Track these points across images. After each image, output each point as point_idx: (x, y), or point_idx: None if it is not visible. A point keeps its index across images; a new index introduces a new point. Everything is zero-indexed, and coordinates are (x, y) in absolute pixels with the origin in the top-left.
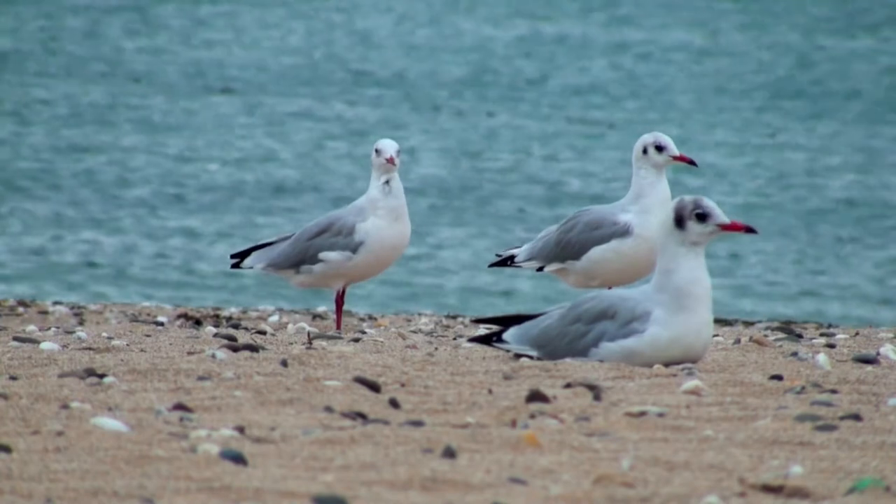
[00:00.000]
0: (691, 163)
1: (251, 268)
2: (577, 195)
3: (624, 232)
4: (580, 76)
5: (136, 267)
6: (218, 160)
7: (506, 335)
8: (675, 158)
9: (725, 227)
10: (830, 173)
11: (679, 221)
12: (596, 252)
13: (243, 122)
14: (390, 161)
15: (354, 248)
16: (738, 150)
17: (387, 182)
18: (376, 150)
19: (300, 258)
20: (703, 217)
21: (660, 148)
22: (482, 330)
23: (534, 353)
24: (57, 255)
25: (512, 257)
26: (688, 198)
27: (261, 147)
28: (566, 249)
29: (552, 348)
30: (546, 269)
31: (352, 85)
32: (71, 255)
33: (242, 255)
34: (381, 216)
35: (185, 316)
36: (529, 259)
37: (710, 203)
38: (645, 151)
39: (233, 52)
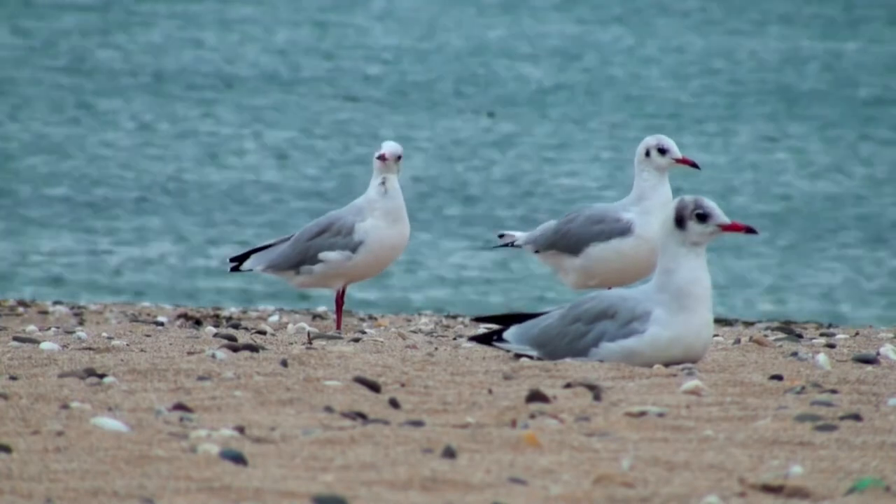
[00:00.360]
0: (694, 165)
1: (251, 270)
2: (563, 194)
3: (625, 230)
4: (569, 76)
5: (130, 267)
6: (192, 160)
7: (506, 334)
8: (678, 161)
9: (726, 228)
10: (817, 173)
11: (680, 221)
12: (596, 249)
13: (228, 123)
14: (381, 158)
15: (354, 248)
16: (725, 150)
17: (382, 183)
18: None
19: (300, 259)
20: (703, 217)
21: (662, 150)
22: (482, 329)
23: (534, 353)
24: (45, 257)
25: (513, 241)
26: (688, 198)
27: (240, 148)
28: (565, 238)
29: (552, 348)
30: (542, 252)
31: (332, 85)
32: (59, 258)
33: (241, 259)
34: (378, 217)
35: (185, 316)
36: (528, 243)
37: (710, 203)
38: (648, 154)
39: (216, 50)
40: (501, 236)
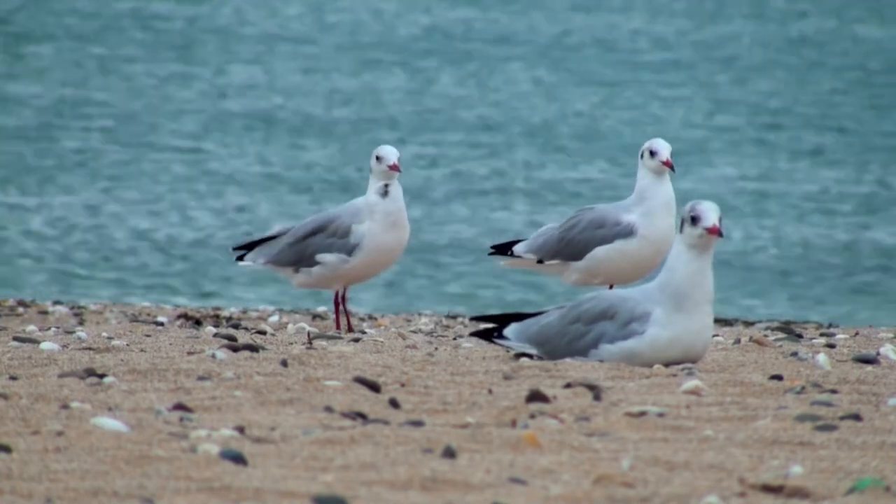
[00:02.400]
0: (671, 168)
1: (251, 264)
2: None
3: (628, 232)
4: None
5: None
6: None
7: (507, 331)
8: (663, 164)
9: (709, 231)
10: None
11: (682, 224)
12: (600, 251)
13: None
14: (394, 168)
15: (350, 251)
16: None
17: (385, 187)
18: (377, 157)
19: (297, 257)
20: (694, 220)
21: (653, 153)
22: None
23: (533, 351)
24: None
25: (511, 247)
26: (692, 202)
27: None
28: (569, 247)
29: (551, 347)
30: (546, 262)
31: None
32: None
33: (245, 248)
34: (378, 220)
35: (185, 316)
36: (529, 252)
37: (704, 206)
38: (643, 156)
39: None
40: (494, 248)
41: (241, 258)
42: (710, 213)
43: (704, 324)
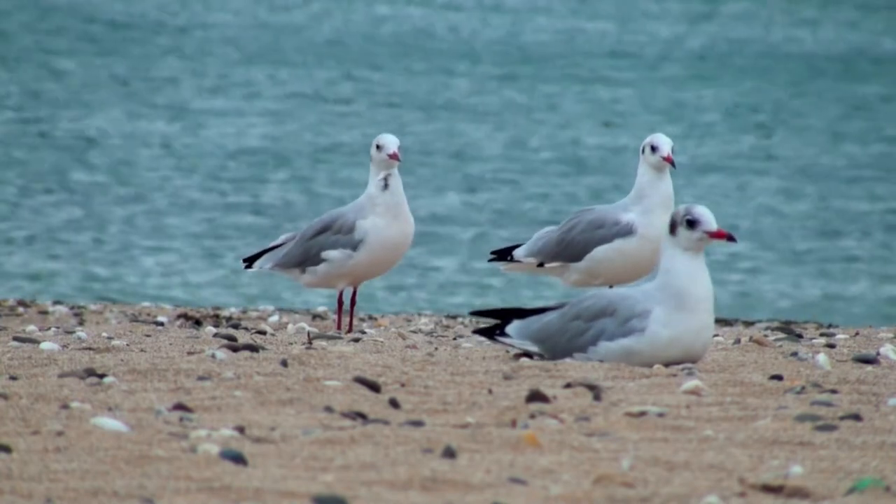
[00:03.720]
0: (671, 164)
1: (260, 269)
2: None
3: (627, 232)
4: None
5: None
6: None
7: (508, 328)
8: (664, 159)
9: (712, 235)
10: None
11: (672, 228)
12: (599, 251)
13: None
14: (394, 157)
15: (354, 246)
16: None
17: (385, 178)
18: (377, 146)
19: (304, 257)
20: (692, 224)
21: (654, 148)
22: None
23: (535, 349)
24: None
25: (510, 252)
26: (683, 206)
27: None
28: (568, 248)
29: (552, 344)
30: (547, 266)
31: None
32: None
33: (253, 258)
34: (380, 213)
35: (185, 316)
36: (529, 256)
37: (701, 210)
38: (644, 151)
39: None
40: (494, 253)
41: (249, 266)
42: (710, 217)
43: (704, 323)
